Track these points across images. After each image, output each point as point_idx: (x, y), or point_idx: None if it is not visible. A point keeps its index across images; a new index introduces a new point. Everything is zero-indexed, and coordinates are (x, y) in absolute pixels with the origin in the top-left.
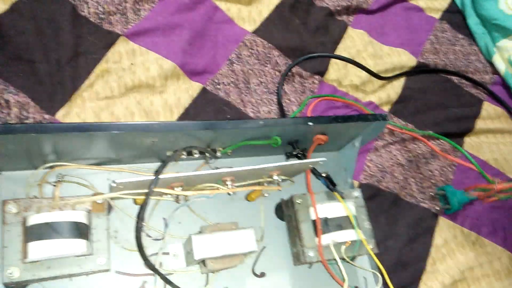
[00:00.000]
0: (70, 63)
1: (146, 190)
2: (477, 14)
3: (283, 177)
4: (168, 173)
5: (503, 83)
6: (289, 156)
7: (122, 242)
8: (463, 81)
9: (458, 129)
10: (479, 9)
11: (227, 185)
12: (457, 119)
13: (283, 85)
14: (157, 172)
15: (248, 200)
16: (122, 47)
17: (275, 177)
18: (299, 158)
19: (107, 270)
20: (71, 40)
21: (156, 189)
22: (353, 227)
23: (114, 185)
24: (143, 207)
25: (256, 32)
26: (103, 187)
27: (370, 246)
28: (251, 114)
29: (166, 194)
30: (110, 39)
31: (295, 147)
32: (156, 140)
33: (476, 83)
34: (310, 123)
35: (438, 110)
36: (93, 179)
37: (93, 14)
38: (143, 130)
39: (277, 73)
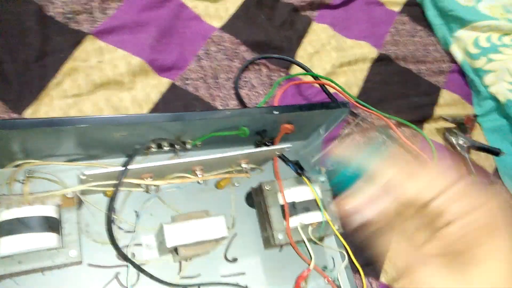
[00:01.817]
0: (37, 62)
1: (116, 182)
2: (436, 6)
3: (252, 166)
4: (138, 164)
5: (460, 71)
6: (258, 145)
7: (93, 236)
8: (422, 70)
9: (418, 116)
10: (437, 1)
11: (196, 174)
12: (417, 107)
13: (239, 79)
14: (126, 163)
15: (218, 188)
16: (89, 45)
17: (244, 165)
18: (268, 147)
19: (79, 263)
20: (38, 40)
21: (125, 180)
22: (319, 209)
23: (84, 177)
24: (113, 198)
25: (224, 28)
26: (74, 184)
27: (335, 227)
28: (220, 108)
29: (136, 184)
30: (77, 38)
31: (263, 137)
32: (125, 134)
33: None
34: (275, 112)
35: (399, 99)
36: (64, 176)
37: (60, 14)
38: (110, 123)
39: (245, 68)
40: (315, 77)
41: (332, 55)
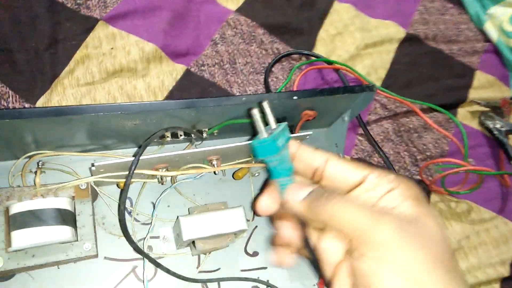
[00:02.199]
0: (48, 50)
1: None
2: None
3: None
4: (149, 154)
5: (495, 50)
6: None
7: (110, 228)
8: (454, 51)
9: (451, 100)
10: None
11: (213, 165)
12: (449, 90)
13: (270, 71)
14: (138, 153)
15: (235, 179)
16: (101, 31)
17: None
18: None
19: (94, 256)
20: (49, 27)
21: (138, 171)
22: None
23: (94, 168)
24: (124, 189)
25: (239, 10)
26: (87, 175)
27: None
28: (238, 95)
29: (151, 176)
30: (88, 24)
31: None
32: (137, 123)
33: None
34: (295, 97)
35: (429, 82)
36: (77, 167)
37: (70, 0)
38: (120, 111)
39: (263, 51)
40: (330, 63)
41: (356, 36)
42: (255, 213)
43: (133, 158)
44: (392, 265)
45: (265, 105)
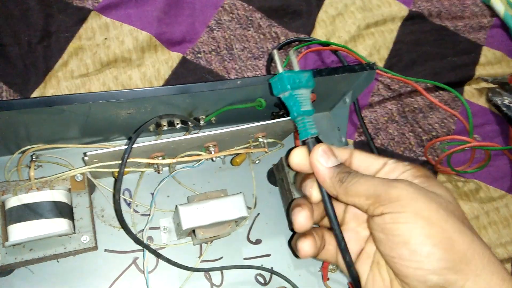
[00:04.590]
0: (41, 43)
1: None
2: None
3: (270, 140)
4: (143, 142)
5: (502, 25)
6: (275, 117)
7: (109, 220)
8: (460, 27)
9: (457, 78)
10: None
11: (210, 152)
12: (455, 68)
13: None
14: (131, 140)
15: (233, 165)
16: (94, 22)
17: (261, 140)
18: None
19: (94, 249)
20: (41, 20)
21: (133, 159)
22: None
23: (87, 158)
24: (118, 177)
25: None
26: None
27: None
28: None
29: (146, 164)
30: (81, 15)
31: (282, 108)
32: (132, 111)
33: None
34: None
35: (434, 60)
36: (74, 160)
37: None
38: (112, 99)
39: (261, 36)
40: (328, 45)
41: (357, 16)
42: (288, 166)
43: (125, 146)
44: (409, 213)
45: (291, 53)
